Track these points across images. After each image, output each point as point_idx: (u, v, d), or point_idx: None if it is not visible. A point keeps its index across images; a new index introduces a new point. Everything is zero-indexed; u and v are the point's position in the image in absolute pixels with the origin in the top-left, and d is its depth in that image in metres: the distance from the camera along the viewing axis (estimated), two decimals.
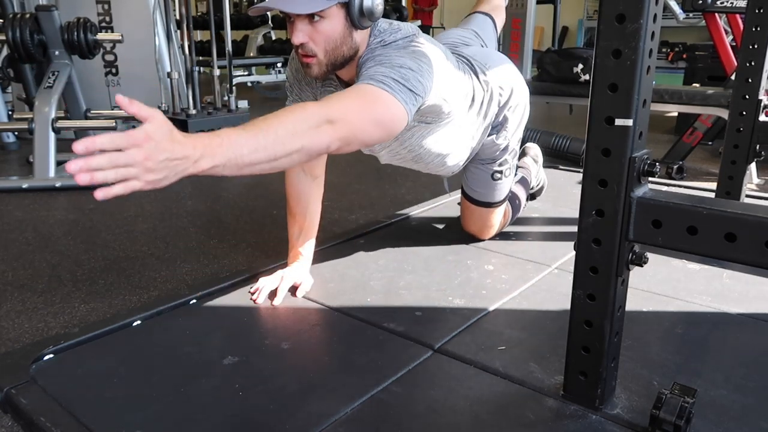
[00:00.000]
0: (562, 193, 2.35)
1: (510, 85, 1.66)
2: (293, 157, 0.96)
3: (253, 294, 1.43)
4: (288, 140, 0.94)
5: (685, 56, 5.19)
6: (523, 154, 2.18)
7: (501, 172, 1.73)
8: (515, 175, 1.96)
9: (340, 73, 1.34)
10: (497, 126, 1.67)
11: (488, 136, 1.67)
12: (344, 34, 1.22)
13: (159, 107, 3.87)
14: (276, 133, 0.92)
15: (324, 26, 1.19)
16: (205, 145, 0.84)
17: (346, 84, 1.35)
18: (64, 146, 3.17)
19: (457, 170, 1.70)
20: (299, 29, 1.20)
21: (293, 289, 1.45)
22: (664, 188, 2.42)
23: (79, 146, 0.75)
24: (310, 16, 1.18)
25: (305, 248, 1.53)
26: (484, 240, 1.82)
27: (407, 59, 1.19)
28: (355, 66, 1.29)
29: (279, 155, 0.93)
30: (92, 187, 0.77)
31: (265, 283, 1.44)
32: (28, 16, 2.95)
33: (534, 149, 2.22)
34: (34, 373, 1.12)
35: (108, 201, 2.41)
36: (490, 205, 1.76)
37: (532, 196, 2.16)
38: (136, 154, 0.78)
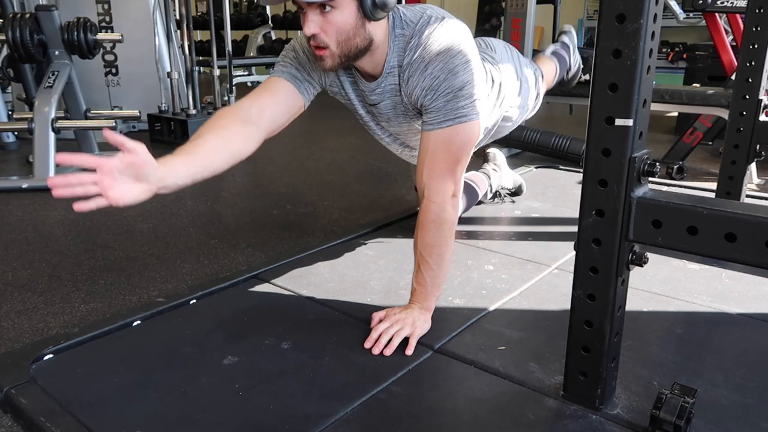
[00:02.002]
0: (562, 193, 2.35)
1: (499, 55, 1.71)
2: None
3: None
4: (446, 245, 1.29)
5: (685, 56, 5.19)
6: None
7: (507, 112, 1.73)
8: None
9: (359, 65, 1.31)
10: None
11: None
12: (357, 25, 1.21)
13: (159, 107, 3.88)
14: (440, 258, 1.28)
15: (335, 17, 1.18)
16: (430, 309, 1.32)
17: (368, 75, 1.34)
18: (64, 146, 3.17)
19: None
20: (310, 19, 1.18)
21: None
22: (664, 188, 2.43)
23: (368, 343, 1.21)
24: (321, 6, 1.17)
25: (176, 155, 1.13)
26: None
27: (463, 73, 1.24)
28: (377, 57, 1.28)
29: (449, 259, 1.31)
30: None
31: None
32: (28, 16, 2.94)
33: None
34: (34, 373, 1.12)
35: None
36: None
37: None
38: (400, 324, 1.24)
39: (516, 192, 2.29)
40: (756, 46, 1.78)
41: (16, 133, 3.76)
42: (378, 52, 1.28)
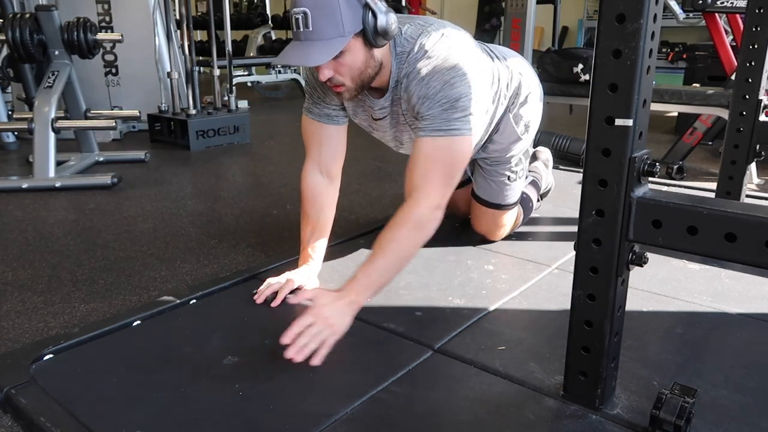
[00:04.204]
0: (562, 193, 2.35)
1: (528, 73, 1.68)
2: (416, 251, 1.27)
3: (254, 294, 1.43)
4: (412, 251, 1.26)
5: (685, 56, 5.19)
6: (534, 158, 2.18)
7: (515, 172, 1.74)
8: (526, 177, 1.96)
9: (370, 88, 1.37)
10: (516, 116, 1.67)
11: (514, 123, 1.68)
12: (366, 58, 1.25)
13: (159, 107, 3.88)
14: (401, 260, 1.25)
15: (346, 59, 1.23)
16: (359, 303, 1.19)
17: (376, 90, 1.38)
18: (64, 146, 3.17)
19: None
20: (323, 68, 1.23)
21: (297, 291, 1.45)
22: (664, 188, 2.43)
23: (287, 338, 1.10)
24: None
25: (316, 251, 1.53)
26: (494, 241, 1.82)
27: (460, 85, 1.24)
28: (383, 75, 1.32)
29: (404, 266, 1.27)
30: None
31: (270, 284, 1.44)
32: (28, 16, 2.94)
33: (545, 153, 2.22)
34: (34, 373, 1.12)
35: (108, 201, 2.41)
36: (501, 207, 1.76)
37: (542, 195, 2.17)
38: (322, 323, 1.13)
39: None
40: (756, 46, 1.78)
41: (16, 133, 3.76)
42: (384, 71, 1.32)
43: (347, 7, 1.17)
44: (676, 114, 4.19)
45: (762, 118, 1.81)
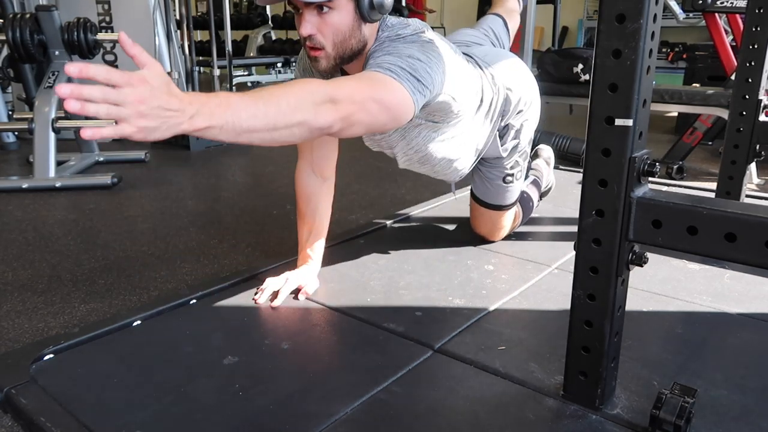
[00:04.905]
0: (562, 193, 2.35)
1: (519, 85, 1.65)
2: (293, 131, 0.94)
3: (256, 294, 1.43)
4: (289, 112, 0.92)
5: (685, 56, 5.19)
6: (535, 155, 2.17)
7: (512, 174, 1.72)
8: (527, 177, 1.96)
9: (347, 68, 1.32)
10: (506, 126, 1.65)
11: (499, 137, 1.65)
12: (353, 26, 1.21)
13: None
14: (278, 103, 0.90)
15: (332, 17, 1.18)
16: (202, 102, 0.82)
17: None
18: (64, 146, 3.17)
19: (464, 174, 1.67)
20: (307, 20, 1.18)
21: (297, 292, 1.45)
22: (664, 188, 2.43)
23: (72, 69, 0.74)
24: (319, 7, 1.17)
25: (314, 250, 1.53)
26: (494, 241, 1.82)
27: (416, 51, 1.18)
28: (363, 60, 1.27)
29: (279, 126, 0.91)
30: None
31: (269, 284, 1.44)
32: (28, 16, 2.94)
33: (546, 151, 2.22)
34: (34, 373, 1.12)
35: (108, 201, 2.40)
36: (501, 207, 1.75)
37: (542, 194, 2.15)
38: (130, 93, 0.76)
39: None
40: (756, 46, 1.78)
41: (16, 133, 3.76)
42: (363, 55, 1.27)
43: None
44: (676, 114, 4.19)
45: (762, 118, 1.81)
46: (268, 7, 7.69)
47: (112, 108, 0.76)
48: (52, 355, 1.19)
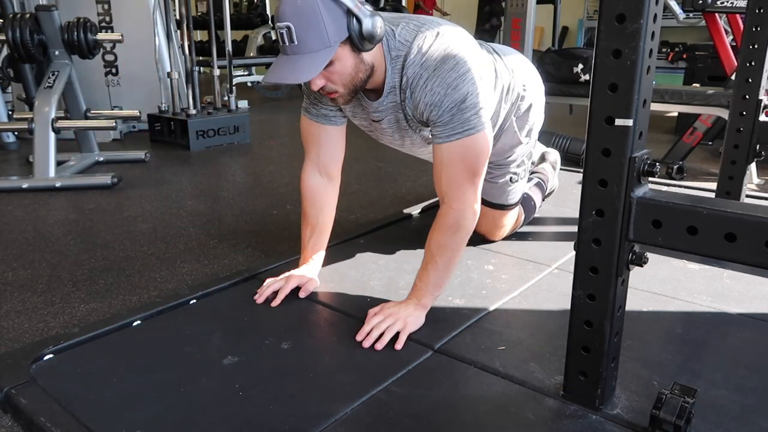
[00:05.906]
0: (562, 193, 2.35)
1: (529, 78, 1.67)
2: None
3: (256, 294, 1.43)
4: (458, 249, 1.32)
5: (685, 56, 5.20)
6: (542, 159, 2.18)
7: (517, 173, 1.73)
8: (531, 179, 1.96)
9: (366, 87, 1.35)
10: (520, 120, 1.66)
11: (510, 134, 1.67)
12: (356, 63, 1.24)
13: (159, 107, 3.88)
14: (450, 260, 1.31)
15: (335, 68, 1.21)
16: (419, 297, 1.30)
17: (371, 92, 1.36)
18: (64, 146, 3.17)
19: None
20: (314, 79, 1.22)
21: (297, 292, 1.45)
22: (664, 188, 2.43)
23: (359, 336, 1.23)
24: None
25: (316, 251, 1.53)
26: (494, 241, 1.82)
27: (463, 85, 1.23)
28: (376, 77, 1.30)
29: (456, 263, 1.33)
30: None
31: (269, 284, 1.44)
32: (28, 16, 2.94)
33: (554, 155, 2.22)
34: (34, 373, 1.12)
35: (108, 201, 2.41)
36: (503, 207, 1.76)
37: (545, 196, 2.15)
38: (392, 318, 1.25)
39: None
40: (756, 46, 1.78)
41: (16, 133, 3.76)
42: (377, 73, 1.30)
43: (330, 17, 1.14)
44: (676, 114, 4.19)
45: (762, 118, 1.81)
46: (267, 7, 7.70)
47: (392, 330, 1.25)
48: (52, 355, 1.19)
